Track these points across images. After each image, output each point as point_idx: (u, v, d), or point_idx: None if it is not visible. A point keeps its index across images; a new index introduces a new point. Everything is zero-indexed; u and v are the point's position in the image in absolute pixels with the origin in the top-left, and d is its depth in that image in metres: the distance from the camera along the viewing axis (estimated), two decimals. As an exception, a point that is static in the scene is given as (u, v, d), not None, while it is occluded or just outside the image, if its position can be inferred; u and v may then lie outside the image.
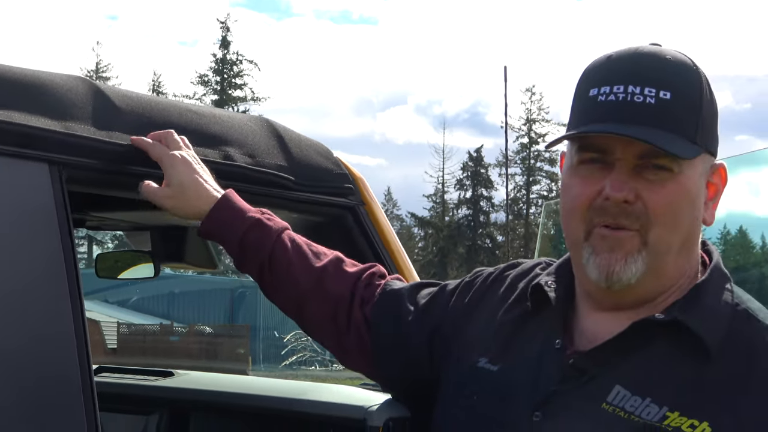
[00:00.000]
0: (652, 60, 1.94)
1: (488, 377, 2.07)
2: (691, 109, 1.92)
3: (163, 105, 2.61)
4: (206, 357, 29.10)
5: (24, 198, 2.25)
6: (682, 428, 1.83)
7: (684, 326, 1.90)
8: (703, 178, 1.96)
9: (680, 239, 1.95)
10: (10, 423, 2.12)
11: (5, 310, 2.16)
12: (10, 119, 2.24)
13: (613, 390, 1.90)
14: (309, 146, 2.88)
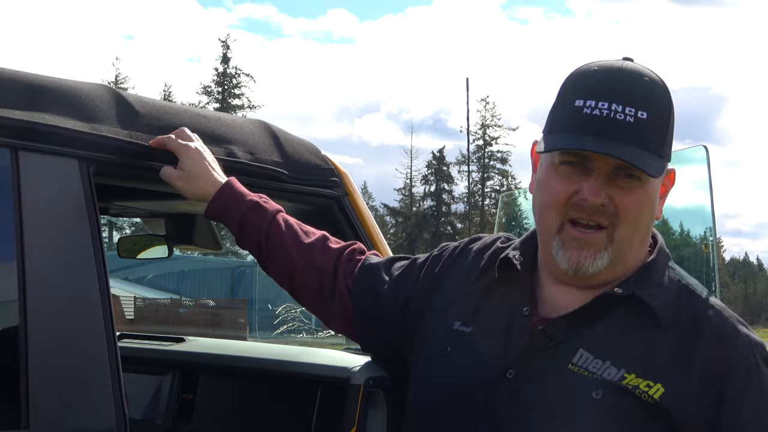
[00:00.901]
0: (635, 80, 1.93)
1: (462, 338, 2.06)
2: (661, 128, 1.93)
3: (175, 109, 2.61)
4: (210, 326, 29.15)
5: (57, 188, 2.25)
6: (640, 387, 1.83)
7: (639, 299, 1.91)
8: (659, 182, 1.98)
9: (641, 236, 1.98)
10: (53, 381, 2.12)
11: (44, 285, 2.16)
12: (45, 121, 2.25)
13: (577, 353, 1.90)
14: (301, 145, 2.88)
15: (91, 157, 2.32)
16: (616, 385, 1.85)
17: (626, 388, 1.84)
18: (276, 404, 3.30)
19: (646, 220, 1.96)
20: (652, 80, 1.95)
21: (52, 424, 2.10)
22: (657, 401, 1.84)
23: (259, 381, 3.39)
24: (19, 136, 2.20)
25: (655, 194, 1.97)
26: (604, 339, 1.91)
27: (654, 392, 1.84)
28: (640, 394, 1.84)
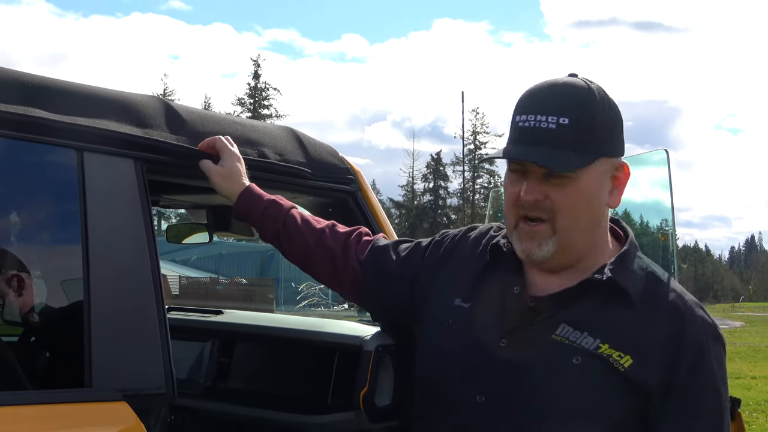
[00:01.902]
0: (559, 92, 1.92)
1: (462, 312, 2.06)
2: (585, 129, 1.89)
3: (216, 117, 2.60)
4: (243, 300, 29.12)
5: (116, 184, 2.25)
6: (613, 356, 1.83)
7: (616, 284, 1.90)
8: (604, 175, 1.94)
9: (583, 224, 1.94)
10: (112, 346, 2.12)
11: (104, 265, 2.16)
12: (106, 127, 2.24)
13: (560, 326, 1.90)
14: (321, 147, 2.87)
15: (144, 158, 2.32)
16: (592, 353, 1.85)
17: (601, 355, 1.84)
18: (299, 367, 3.30)
19: (583, 211, 1.93)
20: (577, 90, 1.92)
21: (111, 383, 2.09)
22: (626, 369, 1.83)
23: (286, 347, 3.39)
24: (84, 140, 2.20)
25: (591, 187, 1.92)
26: (583, 315, 1.90)
27: (624, 362, 1.83)
28: (612, 362, 1.83)
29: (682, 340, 1.85)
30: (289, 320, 3.77)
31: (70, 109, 2.19)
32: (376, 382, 3.00)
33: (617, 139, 1.97)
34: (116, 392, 2.08)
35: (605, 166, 1.94)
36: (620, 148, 1.98)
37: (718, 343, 1.90)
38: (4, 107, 2.07)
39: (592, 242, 1.98)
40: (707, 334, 1.88)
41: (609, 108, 1.95)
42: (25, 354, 2.44)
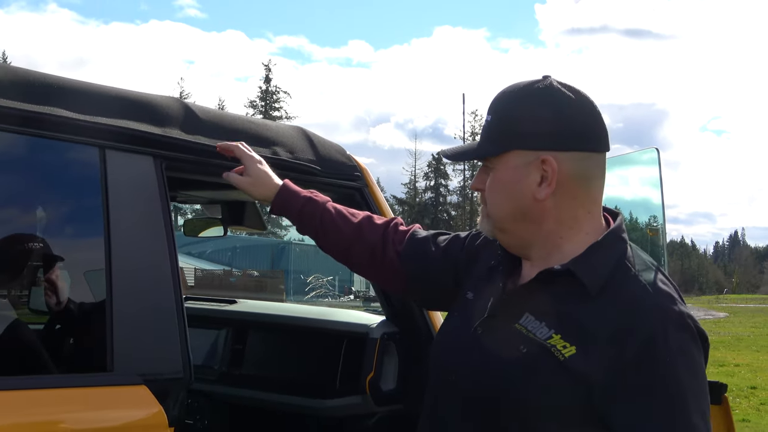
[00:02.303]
0: (502, 92, 1.93)
1: (466, 303, 2.04)
2: (502, 123, 1.87)
3: (231, 117, 2.59)
4: (255, 291, 29.14)
5: (136, 180, 2.25)
6: (557, 347, 1.73)
7: (572, 274, 1.79)
8: (525, 167, 1.83)
9: (507, 210, 1.88)
10: (132, 333, 2.12)
11: (125, 256, 2.16)
12: (127, 126, 2.23)
13: (524, 315, 1.82)
14: (330, 146, 2.86)
15: (163, 155, 2.31)
16: (539, 343, 1.77)
17: (546, 345, 1.75)
18: (309, 353, 3.30)
19: (501, 196, 1.88)
20: (518, 89, 1.89)
21: (132, 368, 2.09)
22: (565, 359, 1.72)
23: (296, 335, 3.39)
24: (106, 138, 2.20)
25: (507, 178, 1.86)
26: (545, 306, 1.82)
27: (566, 352, 1.73)
28: (554, 352, 1.74)
29: (631, 330, 1.70)
30: (299, 309, 3.78)
31: (94, 109, 2.19)
32: (381, 368, 3.00)
33: (540, 133, 1.84)
34: (137, 376, 2.09)
35: (522, 158, 1.84)
36: (545, 142, 1.84)
37: (681, 333, 1.71)
38: (31, 107, 2.07)
39: (536, 231, 1.89)
40: (665, 324, 1.70)
41: (536, 104, 1.86)
42: (51, 341, 2.44)
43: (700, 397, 1.70)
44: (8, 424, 1.88)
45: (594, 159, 1.85)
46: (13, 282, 2.32)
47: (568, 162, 1.81)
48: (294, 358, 3.36)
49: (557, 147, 1.81)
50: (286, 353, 3.40)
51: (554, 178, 1.81)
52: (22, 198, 2.27)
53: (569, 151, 1.82)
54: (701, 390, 1.71)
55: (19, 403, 1.93)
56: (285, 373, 3.35)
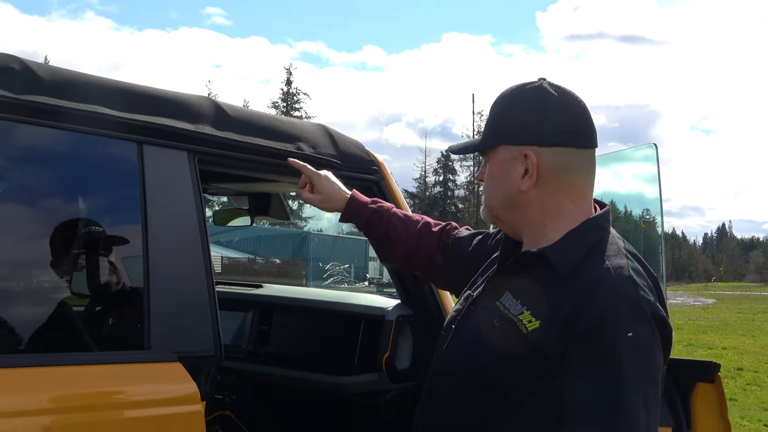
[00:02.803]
0: (501, 93, 1.95)
1: (471, 288, 2.07)
2: (493, 121, 1.92)
3: (259, 114, 2.58)
4: (277, 277, 29.15)
5: (171, 173, 2.24)
6: (524, 321, 1.75)
7: (545, 257, 1.81)
8: (513, 161, 1.86)
9: (498, 199, 1.92)
10: (167, 315, 2.13)
11: (161, 244, 2.16)
12: (162, 123, 2.23)
13: (505, 294, 1.84)
14: (350, 142, 2.85)
15: (196, 150, 2.31)
16: (509, 318, 1.79)
17: (514, 320, 1.78)
18: (330, 334, 3.30)
19: (493, 187, 1.93)
20: (511, 90, 1.93)
21: (167, 346, 2.10)
22: (528, 332, 1.74)
23: (318, 316, 3.39)
24: (143, 134, 2.20)
25: (498, 171, 1.90)
26: (523, 285, 1.83)
27: (530, 326, 1.74)
28: (520, 326, 1.76)
29: (588, 308, 1.68)
30: (320, 293, 3.78)
31: (132, 107, 2.19)
32: (396, 347, 3.00)
33: (523, 129, 1.86)
34: (172, 354, 2.09)
35: (508, 152, 1.87)
36: (528, 137, 1.85)
37: (634, 316, 1.68)
38: (75, 105, 2.07)
39: (523, 219, 1.91)
40: (618, 306, 1.68)
41: (523, 103, 1.89)
42: (93, 321, 2.44)
43: (643, 380, 1.66)
44: (57, 396, 1.89)
45: (577, 154, 1.85)
46: (58, 267, 2.32)
47: (549, 156, 1.83)
48: (315, 338, 3.36)
49: (539, 142, 1.83)
50: (308, 334, 3.40)
51: (534, 171, 1.84)
52: (67, 189, 2.27)
53: (551, 147, 1.83)
54: (646, 374, 1.67)
55: (66, 377, 1.94)
56: (307, 351, 3.35)
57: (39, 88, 2.03)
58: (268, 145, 2.51)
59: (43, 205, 2.21)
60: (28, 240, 2.20)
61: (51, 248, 2.24)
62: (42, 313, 2.23)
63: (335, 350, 3.23)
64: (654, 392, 1.68)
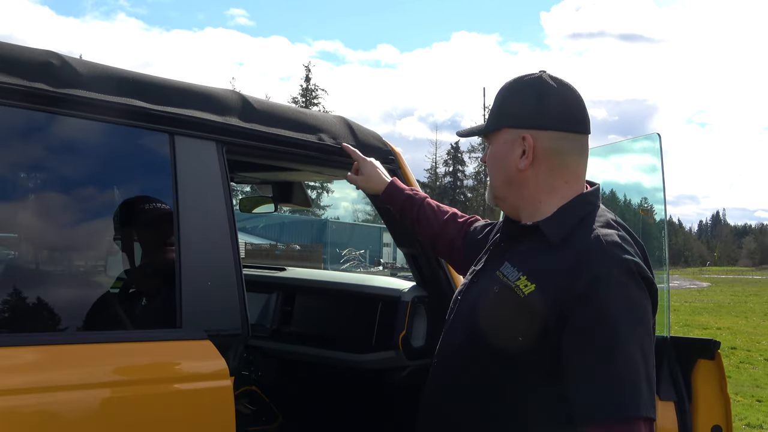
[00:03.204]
0: (504, 83, 2.02)
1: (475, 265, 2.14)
2: (496, 106, 1.99)
3: (283, 107, 2.57)
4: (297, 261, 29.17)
5: (201, 163, 2.23)
6: (520, 286, 1.81)
7: (539, 228, 1.88)
8: (513, 143, 1.93)
9: (500, 179, 1.98)
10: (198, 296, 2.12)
11: (192, 230, 2.16)
12: (192, 115, 2.23)
13: (504, 264, 1.91)
14: (368, 133, 2.83)
15: (224, 141, 2.30)
16: (507, 284, 1.85)
17: (512, 285, 1.83)
18: (349, 314, 3.30)
19: (495, 167, 1.99)
20: (512, 81, 2.00)
21: (197, 324, 2.10)
22: (525, 296, 1.78)
23: (338, 298, 3.39)
24: (175, 125, 2.19)
25: (499, 152, 1.97)
26: (520, 255, 1.90)
27: (526, 290, 1.79)
28: (517, 291, 1.81)
29: (582, 271, 1.72)
30: (340, 276, 3.77)
31: (164, 100, 2.18)
32: (412, 327, 3.00)
33: (524, 114, 1.93)
34: (202, 332, 2.09)
35: (510, 134, 1.94)
36: (528, 122, 1.92)
37: (624, 275, 1.72)
38: (109, 98, 2.06)
39: (520, 196, 1.96)
40: (609, 267, 1.72)
41: (524, 90, 1.96)
42: (128, 302, 2.45)
43: (637, 330, 1.70)
44: (96, 371, 1.90)
45: (571, 139, 1.92)
46: (96, 252, 2.33)
47: (545, 140, 1.90)
48: (336, 318, 3.36)
49: (536, 126, 1.91)
50: (328, 314, 3.40)
51: (531, 152, 1.92)
52: (104, 178, 2.27)
53: (546, 130, 1.90)
54: (640, 326, 1.72)
55: (104, 354, 1.95)
56: (328, 331, 3.35)
57: (77, 82, 2.03)
58: (292, 135, 2.50)
59: (81, 193, 2.21)
60: (67, 226, 2.21)
61: (89, 234, 2.25)
62: (83, 294, 2.25)
63: (354, 329, 3.23)
64: (649, 343, 1.72)
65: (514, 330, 1.79)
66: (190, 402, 2.02)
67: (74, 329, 2.09)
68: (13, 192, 2.20)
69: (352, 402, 3.43)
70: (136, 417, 1.91)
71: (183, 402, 2.01)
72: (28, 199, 2.25)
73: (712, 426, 2.50)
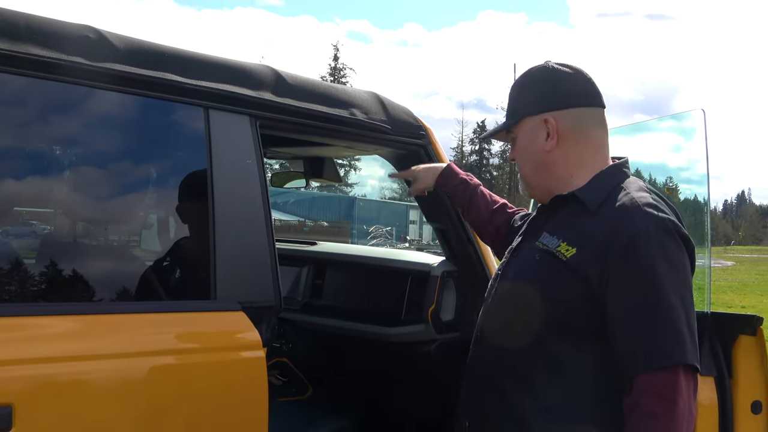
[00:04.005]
0: (515, 81, 2.09)
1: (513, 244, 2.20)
2: (512, 102, 2.06)
3: (316, 82, 2.54)
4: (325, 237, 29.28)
5: (235, 137, 2.22)
6: (561, 251, 1.86)
7: (575, 196, 1.93)
8: (536, 129, 1.99)
9: (530, 168, 2.04)
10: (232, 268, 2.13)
11: (227, 203, 2.15)
12: (227, 89, 2.21)
13: (543, 234, 1.96)
14: (399, 108, 2.81)
15: (257, 115, 2.29)
16: (549, 251, 1.90)
17: (553, 250, 1.89)
18: (379, 288, 3.30)
19: (525, 157, 2.03)
20: (522, 76, 2.06)
21: (231, 296, 2.10)
22: (567, 259, 1.84)
23: (368, 272, 3.38)
24: (209, 100, 2.18)
25: (525, 141, 2.02)
26: (557, 224, 1.96)
27: (568, 254, 1.85)
28: (559, 255, 1.87)
29: (621, 230, 1.79)
30: (370, 250, 3.77)
31: (199, 74, 2.17)
32: (441, 301, 2.99)
33: (540, 100, 1.99)
34: (236, 303, 2.09)
35: (532, 122, 1.99)
36: (546, 105, 1.99)
37: (662, 232, 1.79)
38: (144, 72, 2.06)
39: (552, 177, 2.00)
40: (647, 224, 1.79)
41: (536, 78, 2.02)
42: (162, 274, 2.45)
43: (677, 284, 1.77)
44: (131, 340, 1.91)
45: (589, 112, 1.98)
46: (133, 224, 2.33)
47: (566, 118, 1.96)
48: (366, 292, 3.35)
49: (555, 107, 1.96)
50: (359, 287, 3.40)
51: (555, 132, 1.96)
52: (140, 151, 2.27)
53: (566, 109, 1.96)
54: (679, 279, 1.78)
55: (141, 323, 1.97)
56: (358, 304, 3.35)
57: (114, 56, 2.02)
58: (324, 110, 2.48)
59: (116, 166, 2.21)
60: (103, 200, 2.21)
61: (125, 207, 2.25)
62: (119, 266, 2.26)
63: (384, 303, 3.23)
64: (689, 296, 1.79)
65: (559, 294, 1.85)
66: (224, 372, 2.03)
67: (110, 300, 2.10)
68: (50, 166, 2.20)
69: (380, 375, 3.43)
70: (171, 385, 1.92)
71: (217, 372, 2.02)
72: (65, 173, 2.25)
73: (752, 401, 2.48)
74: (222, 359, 2.03)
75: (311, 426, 2.96)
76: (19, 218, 2.55)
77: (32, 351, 1.74)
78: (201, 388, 1.97)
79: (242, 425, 2.05)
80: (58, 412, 1.74)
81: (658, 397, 1.71)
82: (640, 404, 1.72)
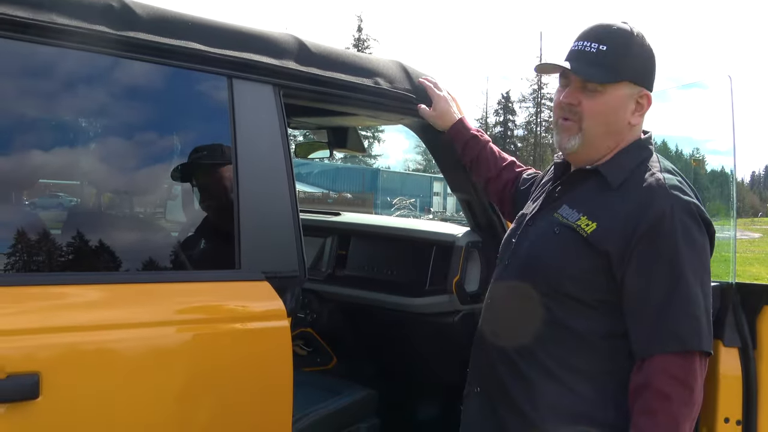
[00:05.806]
0: (605, 27, 1.97)
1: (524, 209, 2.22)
2: (617, 55, 1.93)
3: (339, 51, 2.51)
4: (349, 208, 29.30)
5: (259, 106, 2.21)
6: (582, 225, 1.88)
7: (599, 172, 1.95)
8: (629, 98, 1.96)
9: (603, 130, 1.97)
10: (256, 238, 2.12)
11: (251, 173, 2.14)
12: (250, 58, 2.19)
13: (562, 207, 1.98)
14: (424, 77, 2.77)
15: (281, 84, 2.27)
16: (569, 225, 1.92)
17: (573, 225, 1.91)
18: (404, 258, 3.29)
19: (604, 118, 1.96)
20: (620, 29, 1.97)
21: (256, 266, 2.10)
22: (588, 235, 1.87)
23: (393, 242, 3.38)
24: (233, 68, 2.16)
25: (614, 103, 1.95)
26: (579, 197, 1.98)
27: (588, 229, 1.87)
28: (579, 230, 1.89)
29: (645, 210, 1.82)
30: (394, 221, 3.76)
31: (222, 43, 2.15)
32: (465, 271, 2.98)
33: (645, 72, 1.99)
34: (260, 273, 2.09)
35: (631, 89, 1.96)
36: (647, 80, 1.99)
37: (686, 215, 1.82)
38: (168, 41, 2.04)
39: (610, 146, 1.99)
40: (672, 207, 1.81)
41: (642, 47, 1.98)
42: (187, 243, 2.46)
43: (697, 267, 1.80)
44: (157, 309, 1.92)
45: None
46: (158, 195, 2.34)
47: (650, 98, 1.99)
48: (390, 262, 3.35)
49: (649, 85, 1.98)
50: (383, 258, 3.39)
51: (644, 110, 1.98)
52: (163, 121, 2.26)
53: (650, 90, 1.99)
54: (699, 263, 1.81)
55: (165, 292, 1.97)
56: (382, 275, 3.35)
57: (137, 25, 2.01)
58: (348, 79, 2.45)
59: (140, 136, 2.20)
60: (127, 170, 2.21)
61: (149, 177, 2.25)
62: (144, 236, 2.26)
63: (408, 273, 3.22)
64: (708, 281, 1.83)
65: (576, 268, 1.88)
66: (249, 341, 2.03)
67: (135, 270, 2.11)
68: (75, 137, 2.20)
69: (404, 345, 3.43)
70: (196, 354, 1.93)
71: (242, 341, 2.02)
72: (90, 144, 2.25)
73: None
74: (246, 328, 2.03)
75: (335, 395, 2.98)
76: (47, 190, 2.57)
77: (60, 319, 1.76)
78: (226, 356, 1.98)
79: (267, 394, 2.06)
80: (85, 380, 1.75)
81: (674, 379, 1.76)
82: (653, 384, 1.77)
